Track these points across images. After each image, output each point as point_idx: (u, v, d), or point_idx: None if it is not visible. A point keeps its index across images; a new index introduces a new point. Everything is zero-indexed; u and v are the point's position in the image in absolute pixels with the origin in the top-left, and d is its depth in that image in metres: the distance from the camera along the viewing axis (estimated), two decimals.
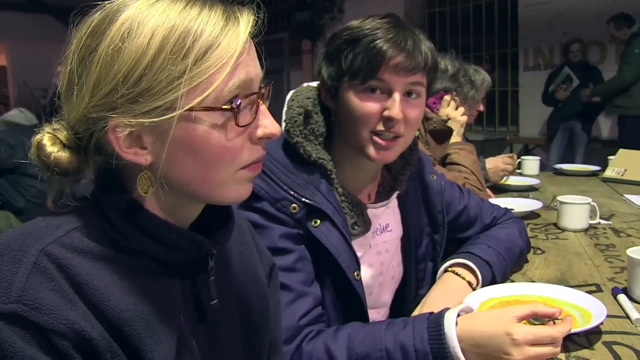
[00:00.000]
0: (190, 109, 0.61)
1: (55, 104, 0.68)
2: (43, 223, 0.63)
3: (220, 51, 0.61)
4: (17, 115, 3.92)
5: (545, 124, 5.75)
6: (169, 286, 0.68)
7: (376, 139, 1.06)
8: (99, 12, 0.63)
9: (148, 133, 0.63)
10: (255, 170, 0.69)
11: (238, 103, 0.63)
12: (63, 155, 0.65)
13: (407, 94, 1.07)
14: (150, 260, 0.66)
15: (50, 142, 0.65)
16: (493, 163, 2.32)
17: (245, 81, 0.64)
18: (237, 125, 0.63)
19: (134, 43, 0.60)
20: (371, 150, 1.07)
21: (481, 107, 2.35)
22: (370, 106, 1.05)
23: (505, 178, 2.44)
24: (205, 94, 0.61)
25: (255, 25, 0.66)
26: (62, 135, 0.66)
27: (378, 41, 1.03)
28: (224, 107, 0.62)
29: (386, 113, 1.04)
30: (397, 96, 1.04)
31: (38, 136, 0.66)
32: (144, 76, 0.60)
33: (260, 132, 0.67)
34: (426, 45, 1.06)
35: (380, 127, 1.06)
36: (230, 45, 0.62)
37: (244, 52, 0.63)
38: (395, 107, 1.04)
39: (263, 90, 0.68)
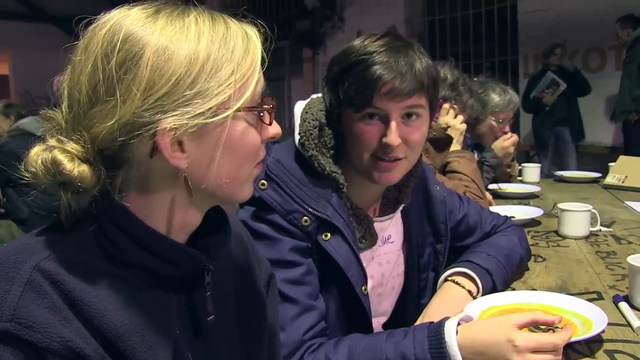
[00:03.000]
0: (238, 109, 0.65)
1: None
2: (37, 238, 0.63)
3: (252, 57, 0.67)
4: (33, 124, 3.69)
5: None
6: (164, 300, 0.68)
7: (378, 161, 1.07)
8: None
9: (191, 136, 0.63)
10: (261, 168, 0.74)
11: (272, 105, 0.70)
12: (86, 169, 0.62)
13: (407, 115, 1.06)
14: (145, 273, 0.66)
15: (67, 158, 0.62)
16: (497, 145, 2.44)
17: (264, 86, 0.70)
18: (265, 123, 0.70)
19: (184, 47, 0.62)
20: (374, 174, 1.08)
21: (507, 129, 2.50)
22: (369, 133, 1.06)
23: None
24: (246, 95, 0.66)
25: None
26: (74, 148, 0.63)
27: (370, 68, 1.02)
28: (264, 106, 0.69)
29: (384, 140, 1.04)
30: (393, 124, 1.04)
31: (47, 154, 0.62)
32: (197, 79, 0.62)
33: (271, 131, 0.72)
34: (422, 64, 1.04)
35: (381, 153, 1.06)
36: (256, 54, 0.68)
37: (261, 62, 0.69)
38: (391, 134, 1.03)
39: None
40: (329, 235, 1.08)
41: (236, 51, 0.65)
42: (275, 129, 0.72)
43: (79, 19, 0.66)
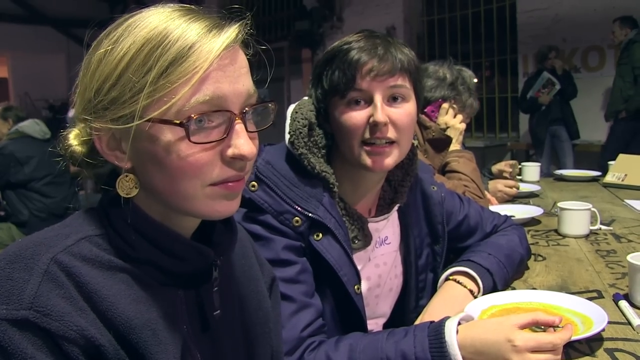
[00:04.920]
0: (149, 120, 0.62)
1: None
2: (53, 233, 0.65)
3: (187, 66, 0.61)
4: (32, 127, 3.77)
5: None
6: (173, 296, 0.69)
7: (368, 147, 1.07)
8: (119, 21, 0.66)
9: (124, 139, 0.65)
10: (229, 189, 0.66)
11: (189, 119, 0.62)
12: (80, 149, 0.70)
13: (392, 99, 1.07)
14: (155, 269, 0.67)
15: (73, 135, 0.70)
16: (492, 185, 2.30)
17: (212, 97, 0.63)
18: (190, 141, 0.62)
19: (117, 51, 0.63)
20: (366, 160, 1.08)
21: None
22: (356, 117, 1.06)
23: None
24: (165, 106, 0.62)
25: (249, 45, 0.68)
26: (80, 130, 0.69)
27: (349, 53, 1.06)
28: (175, 121, 0.62)
29: (371, 120, 1.05)
30: (378, 100, 1.05)
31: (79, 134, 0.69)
32: (116, 84, 0.63)
33: (230, 151, 0.65)
34: (401, 50, 1.08)
35: (370, 135, 1.06)
36: (197, 62, 0.62)
37: (214, 69, 0.63)
38: (377, 111, 1.04)
39: (247, 109, 0.67)
40: (320, 235, 1.08)
41: (160, 61, 0.61)
42: (235, 150, 0.64)
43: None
